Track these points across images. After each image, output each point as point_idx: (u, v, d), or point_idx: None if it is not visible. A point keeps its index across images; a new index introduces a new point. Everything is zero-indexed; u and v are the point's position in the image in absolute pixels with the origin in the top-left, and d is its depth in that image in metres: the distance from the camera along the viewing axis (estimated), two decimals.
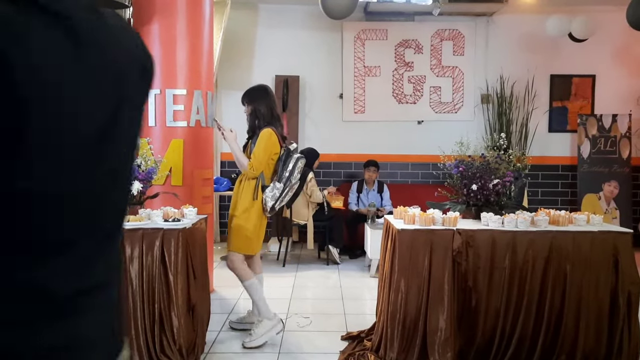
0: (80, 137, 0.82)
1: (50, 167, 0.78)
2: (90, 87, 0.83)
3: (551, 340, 3.09)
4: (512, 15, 6.93)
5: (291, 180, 3.51)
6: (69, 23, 0.77)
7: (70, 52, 0.77)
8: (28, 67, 0.71)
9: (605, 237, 3.14)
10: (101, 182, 0.90)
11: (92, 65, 0.83)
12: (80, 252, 0.87)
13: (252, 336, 3.47)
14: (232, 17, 6.33)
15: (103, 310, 0.92)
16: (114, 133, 0.90)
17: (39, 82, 0.72)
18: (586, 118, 6.93)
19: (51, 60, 0.74)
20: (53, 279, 0.82)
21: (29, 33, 0.72)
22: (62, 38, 0.76)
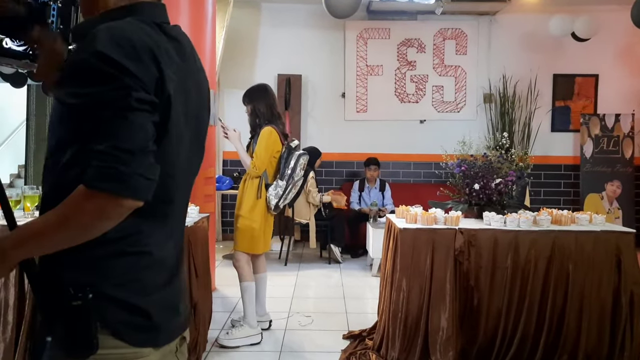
0: (190, 127, 1.15)
1: (176, 153, 1.10)
2: (193, 88, 1.15)
3: (553, 339, 3.09)
4: (515, 15, 6.92)
5: (293, 177, 3.51)
6: (177, 43, 1.13)
7: (179, 63, 1.10)
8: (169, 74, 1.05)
9: (608, 237, 3.13)
10: (194, 167, 1.24)
11: (191, 70, 1.16)
12: (181, 226, 1.23)
13: (228, 335, 3.48)
14: (235, 16, 6.33)
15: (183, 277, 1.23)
16: (203, 128, 1.24)
17: (172, 81, 1.05)
18: (589, 118, 6.92)
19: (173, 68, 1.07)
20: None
21: (170, 52, 1.08)
22: (175, 54, 1.10)
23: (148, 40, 1.02)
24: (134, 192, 0.97)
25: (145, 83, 0.99)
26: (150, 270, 1.09)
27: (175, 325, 1.16)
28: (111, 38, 0.98)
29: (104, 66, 0.96)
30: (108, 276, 1.04)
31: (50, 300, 1.02)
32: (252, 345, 3.46)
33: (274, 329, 3.78)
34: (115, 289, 1.04)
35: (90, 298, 1.00)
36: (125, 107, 0.96)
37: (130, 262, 1.06)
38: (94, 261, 1.04)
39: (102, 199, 0.95)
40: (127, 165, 0.95)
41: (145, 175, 0.98)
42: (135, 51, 0.99)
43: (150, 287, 1.09)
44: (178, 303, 1.17)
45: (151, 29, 1.06)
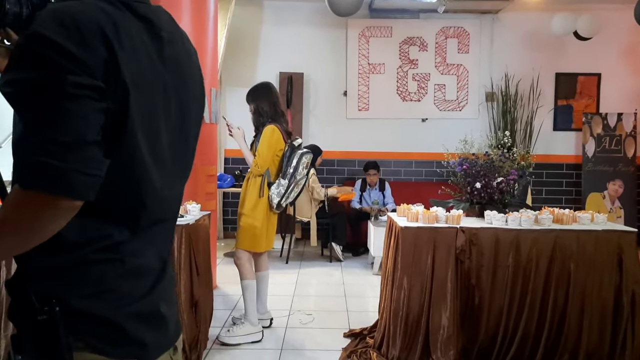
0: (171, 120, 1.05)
1: (145, 148, 0.97)
2: (174, 75, 1.04)
3: (554, 339, 3.09)
4: (518, 13, 6.91)
5: (296, 176, 3.51)
6: (148, 24, 1.01)
7: (149, 46, 0.99)
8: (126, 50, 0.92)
9: (610, 236, 3.13)
10: (181, 166, 1.13)
11: (170, 54, 1.04)
12: (170, 230, 1.14)
13: (229, 333, 3.48)
14: (237, 14, 6.33)
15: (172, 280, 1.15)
16: (189, 121, 1.12)
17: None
18: (591, 117, 6.90)
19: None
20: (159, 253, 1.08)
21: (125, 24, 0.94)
22: (146, 35, 0.99)
23: (99, 19, 0.89)
24: (70, 190, 0.85)
25: (90, 67, 0.86)
26: (124, 279, 0.98)
27: (161, 336, 1.07)
28: (53, 18, 0.87)
29: (40, 48, 0.84)
30: (75, 287, 0.94)
31: (19, 314, 0.95)
32: (253, 343, 3.47)
33: (275, 326, 3.78)
34: (84, 301, 0.94)
35: (57, 311, 0.91)
36: (62, 94, 0.84)
37: (100, 271, 0.96)
38: (59, 270, 0.94)
39: (35, 199, 0.84)
40: (61, 159, 0.83)
41: (84, 171, 0.85)
42: (79, 32, 0.86)
43: (125, 299, 0.99)
44: (162, 311, 1.06)
45: (113, 7, 0.94)
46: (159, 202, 1.04)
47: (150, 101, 0.97)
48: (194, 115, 1.13)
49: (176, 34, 1.09)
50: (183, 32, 1.13)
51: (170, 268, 1.13)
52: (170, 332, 1.10)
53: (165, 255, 1.10)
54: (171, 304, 1.12)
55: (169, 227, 1.13)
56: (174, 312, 1.13)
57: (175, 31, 1.09)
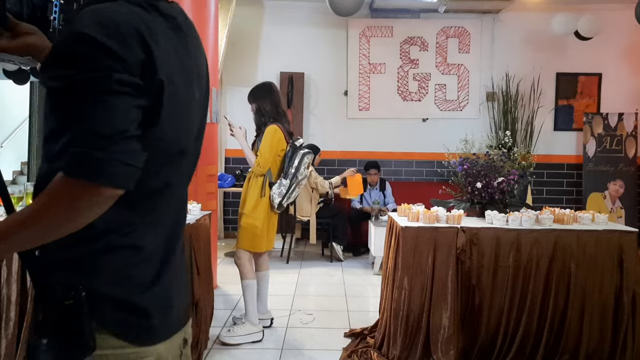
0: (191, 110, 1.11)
1: (171, 140, 1.05)
2: (193, 69, 1.11)
3: (555, 339, 3.08)
4: (519, 13, 6.91)
5: (297, 176, 3.51)
6: (174, 22, 1.07)
7: (177, 44, 1.06)
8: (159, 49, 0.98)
9: (610, 236, 3.12)
10: (194, 156, 1.19)
11: (191, 50, 1.10)
12: (182, 218, 1.20)
13: (230, 332, 3.48)
14: (238, 14, 6.33)
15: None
16: (203, 113, 1.19)
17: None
18: (592, 116, 6.90)
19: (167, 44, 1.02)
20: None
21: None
22: (173, 33, 1.06)
23: (135, 22, 0.96)
24: (112, 179, 0.90)
25: (129, 65, 0.93)
26: (144, 264, 1.05)
27: (173, 320, 1.12)
28: (94, 19, 0.93)
29: (85, 47, 0.91)
30: (100, 273, 1.00)
31: (45, 300, 0.98)
32: (254, 343, 3.47)
33: (275, 326, 3.78)
34: (109, 287, 1.00)
35: (84, 296, 0.96)
36: (105, 89, 0.90)
37: (123, 257, 1.02)
38: (84, 258, 1.00)
39: (78, 187, 0.89)
40: (104, 150, 0.89)
41: (126, 162, 0.91)
42: (119, 32, 0.93)
43: (145, 283, 1.05)
44: (172, 296, 1.12)
45: (142, 9, 1.00)
46: (177, 190, 1.12)
47: (179, 96, 1.04)
48: (204, 105, 1.19)
49: (192, 28, 1.15)
50: (194, 26, 1.19)
51: (180, 254, 1.17)
52: (180, 317, 1.14)
53: (175, 242, 1.14)
54: (180, 288, 1.16)
55: (181, 211, 1.18)
56: (183, 297, 1.18)
57: (190, 26, 1.15)
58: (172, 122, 1.03)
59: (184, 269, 1.23)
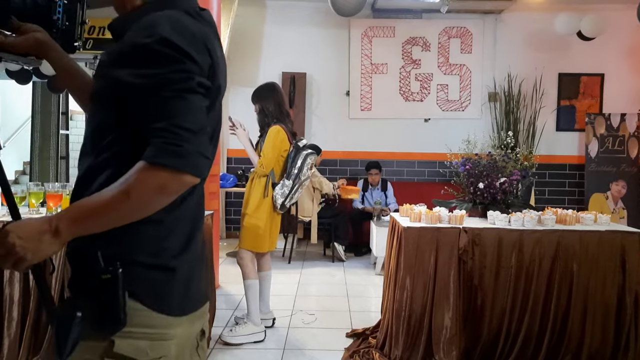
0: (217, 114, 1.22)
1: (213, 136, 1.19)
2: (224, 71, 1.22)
3: (557, 339, 3.08)
4: (521, 13, 6.90)
5: (300, 177, 3.51)
6: (213, 28, 1.19)
7: (220, 49, 1.18)
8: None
9: (613, 236, 3.12)
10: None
11: (221, 56, 1.19)
12: (201, 203, 1.26)
13: (232, 332, 3.48)
14: (240, 14, 6.33)
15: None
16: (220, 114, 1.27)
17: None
18: (594, 117, 6.89)
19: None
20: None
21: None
22: (215, 39, 1.17)
23: (200, 30, 1.09)
24: (194, 168, 1.02)
25: (204, 69, 1.06)
26: (174, 236, 1.12)
27: (196, 291, 1.18)
28: (172, 26, 1.04)
29: (169, 50, 1.01)
30: (141, 245, 1.07)
31: (81, 275, 1.05)
32: (256, 343, 3.47)
33: (277, 326, 3.78)
34: (146, 257, 1.07)
35: (120, 272, 1.01)
36: (187, 89, 1.02)
37: (156, 230, 1.08)
38: (122, 230, 1.04)
39: (164, 174, 0.99)
40: (188, 142, 1.00)
41: (204, 154, 1.04)
42: (195, 39, 1.06)
43: (175, 251, 1.12)
44: (196, 267, 1.19)
45: (193, 19, 1.12)
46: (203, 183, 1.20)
47: (223, 96, 1.20)
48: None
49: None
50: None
51: (201, 233, 1.23)
52: (201, 292, 1.22)
53: (199, 221, 1.22)
54: (202, 263, 1.24)
55: (202, 200, 1.26)
56: (205, 273, 1.27)
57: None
58: (213, 122, 1.17)
59: (205, 250, 1.30)
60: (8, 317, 2.77)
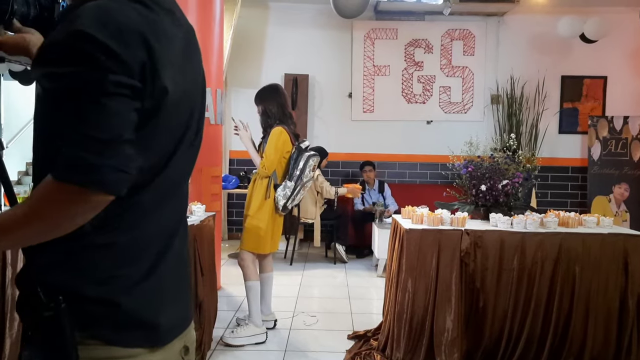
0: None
1: (167, 143, 1.01)
2: (192, 66, 1.07)
3: (559, 342, 3.07)
4: (524, 16, 6.89)
5: (302, 178, 3.50)
6: (172, 15, 1.03)
7: (179, 37, 1.02)
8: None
9: (615, 239, 3.11)
10: (192, 157, 1.13)
11: (189, 45, 1.06)
12: (174, 215, 1.12)
13: (233, 334, 3.48)
14: (243, 15, 6.34)
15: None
16: (198, 112, 1.12)
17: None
18: (597, 119, 6.88)
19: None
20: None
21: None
22: (174, 28, 1.02)
23: (139, 22, 0.92)
24: (103, 185, 0.86)
25: (130, 66, 0.88)
26: (131, 262, 0.99)
27: (168, 323, 1.04)
28: (96, 17, 0.89)
29: (84, 45, 0.86)
30: (87, 273, 0.95)
31: (26, 309, 0.95)
32: (257, 344, 3.47)
33: (279, 328, 3.78)
34: (96, 288, 0.94)
35: (64, 307, 0.91)
36: (101, 91, 0.86)
37: (107, 256, 0.96)
38: (70, 258, 0.94)
39: (68, 191, 0.85)
40: (97, 155, 0.85)
41: (118, 167, 0.87)
42: (121, 32, 0.89)
43: (132, 281, 0.99)
44: (164, 297, 1.05)
45: (145, 7, 0.96)
46: (171, 191, 1.06)
47: (180, 97, 0.99)
48: (200, 104, 1.13)
49: (189, 25, 1.11)
50: (188, 22, 1.15)
51: (179, 253, 1.10)
52: (177, 321, 1.08)
53: (171, 240, 1.08)
54: (177, 290, 1.10)
55: (178, 209, 1.12)
56: (181, 299, 1.11)
57: (187, 23, 1.11)
58: (170, 127, 0.99)
59: (185, 269, 1.15)
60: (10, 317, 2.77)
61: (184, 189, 1.14)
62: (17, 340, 2.78)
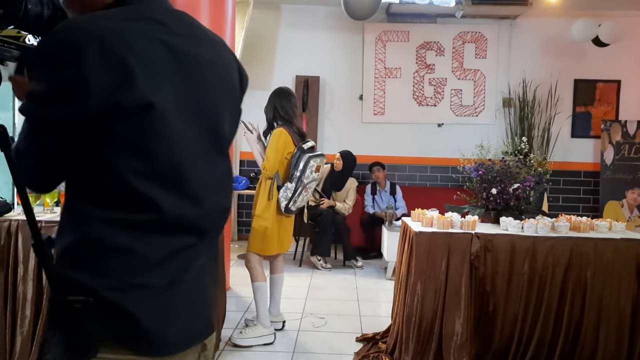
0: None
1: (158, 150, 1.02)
2: (193, 80, 1.07)
3: (570, 348, 3.04)
4: (537, 19, 6.85)
5: (303, 180, 3.46)
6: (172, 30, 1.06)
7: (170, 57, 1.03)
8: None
9: (628, 245, 3.08)
10: (211, 170, 1.13)
11: (192, 56, 1.08)
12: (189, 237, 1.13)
13: (241, 334, 3.48)
14: (255, 17, 6.36)
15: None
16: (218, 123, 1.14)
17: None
18: (610, 124, 6.81)
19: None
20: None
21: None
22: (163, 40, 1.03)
23: (109, 35, 0.94)
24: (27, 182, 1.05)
25: (62, 82, 0.93)
26: (146, 270, 1.02)
27: (182, 334, 1.06)
28: (56, 32, 0.95)
29: (34, 60, 0.98)
30: (108, 277, 0.99)
31: (55, 298, 1.00)
32: (265, 345, 3.47)
33: (287, 329, 3.78)
34: (110, 291, 0.98)
35: (92, 302, 0.96)
36: (30, 106, 0.98)
37: (126, 262, 1.00)
38: (90, 259, 1.00)
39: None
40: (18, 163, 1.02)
41: (31, 180, 1.05)
42: (61, 46, 0.94)
43: (146, 291, 1.01)
44: (180, 310, 1.06)
45: (140, 21, 1.01)
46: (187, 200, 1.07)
47: (163, 105, 0.99)
48: (221, 114, 1.16)
49: (199, 37, 1.13)
50: (209, 36, 1.17)
51: (200, 264, 1.11)
52: (193, 332, 1.10)
53: (189, 253, 1.09)
54: (194, 301, 1.11)
55: (208, 231, 1.13)
56: (200, 310, 1.12)
57: (198, 35, 1.13)
58: (164, 136, 1.01)
59: (206, 280, 1.14)
60: (21, 315, 2.79)
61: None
62: (29, 338, 2.80)
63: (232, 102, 1.21)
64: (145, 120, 0.97)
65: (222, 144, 1.17)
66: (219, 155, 1.15)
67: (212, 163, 1.12)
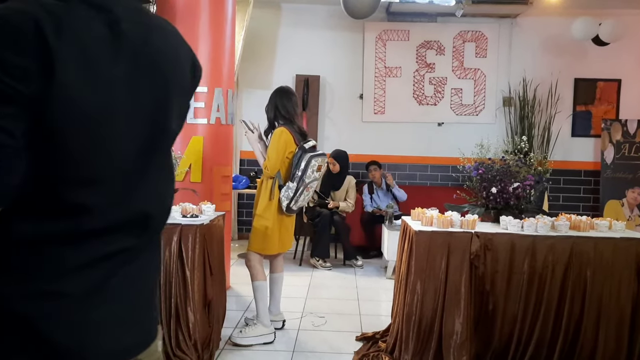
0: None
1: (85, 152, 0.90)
2: (131, 71, 0.95)
3: (569, 347, 3.04)
4: (537, 18, 6.84)
5: (304, 179, 3.46)
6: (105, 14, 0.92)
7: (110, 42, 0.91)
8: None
9: (628, 244, 3.08)
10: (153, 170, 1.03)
11: (134, 50, 0.95)
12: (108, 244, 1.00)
13: (242, 333, 3.49)
14: (255, 16, 6.36)
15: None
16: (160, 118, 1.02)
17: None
18: (611, 123, 6.81)
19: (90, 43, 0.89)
20: None
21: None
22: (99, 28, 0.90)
23: (34, 17, 0.82)
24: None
25: (15, 68, 0.80)
26: (63, 276, 0.91)
27: (108, 352, 0.96)
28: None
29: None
30: (17, 282, 0.88)
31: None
32: (265, 344, 3.47)
33: (287, 328, 3.78)
34: (13, 290, 0.88)
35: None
36: None
37: (40, 265, 0.89)
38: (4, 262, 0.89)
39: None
40: None
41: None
42: (6, 32, 0.80)
43: (61, 301, 0.90)
44: (96, 313, 0.94)
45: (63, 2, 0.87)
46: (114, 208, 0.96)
47: (100, 101, 0.89)
48: (167, 110, 1.03)
49: (148, 25, 1.01)
50: (161, 24, 1.05)
51: (140, 263, 1.02)
52: (125, 342, 1.00)
53: (111, 262, 0.97)
54: (133, 303, 1.01)
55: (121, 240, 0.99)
56: (137, 315, 1.03)
57: (147, 22, 1.01)
58: (76, 140, 0.88)
59: (144, 285, 1.05)
60: None
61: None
62: None
63: (181, 94, 1.08)
64: (72, 113, 0.86)
65: (166, 139, 1.06)
66: (159, 150, 1.05)
67: (150, 158, 1.01)
